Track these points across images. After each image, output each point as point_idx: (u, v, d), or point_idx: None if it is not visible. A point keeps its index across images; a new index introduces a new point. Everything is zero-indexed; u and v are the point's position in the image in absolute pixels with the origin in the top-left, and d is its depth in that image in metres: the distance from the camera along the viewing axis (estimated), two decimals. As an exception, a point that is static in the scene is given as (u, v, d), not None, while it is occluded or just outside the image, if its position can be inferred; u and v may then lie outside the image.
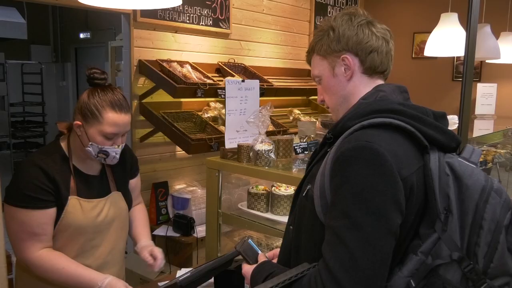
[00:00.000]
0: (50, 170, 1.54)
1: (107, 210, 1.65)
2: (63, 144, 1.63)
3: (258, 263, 1.20)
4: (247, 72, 3.68)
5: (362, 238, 0.91)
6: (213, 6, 3.55)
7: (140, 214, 1.90)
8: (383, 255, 0.92)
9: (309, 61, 1.25)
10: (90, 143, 1.55)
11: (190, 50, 3.47)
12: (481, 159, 2.83)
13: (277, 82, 3.84)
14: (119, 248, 1.75)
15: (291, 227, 1.21)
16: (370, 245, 0.91)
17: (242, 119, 2.16)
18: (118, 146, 1.60)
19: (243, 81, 2.21)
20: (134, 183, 1.85)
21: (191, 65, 3.27)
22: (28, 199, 1.49)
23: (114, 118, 1.54)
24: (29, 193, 1.49)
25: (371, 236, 0.91)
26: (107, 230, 1.67)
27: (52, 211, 1.54)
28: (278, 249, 1.32)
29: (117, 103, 1.56)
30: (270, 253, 1.36)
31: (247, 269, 1.20)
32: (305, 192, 1.13)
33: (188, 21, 3.38)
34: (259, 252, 1.25)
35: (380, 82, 1.17)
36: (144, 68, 3.12)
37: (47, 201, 1.52)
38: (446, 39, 3.19)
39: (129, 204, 1.78)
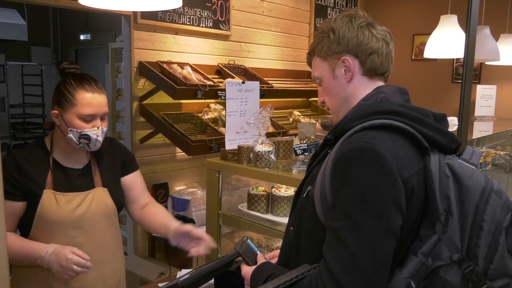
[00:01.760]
0: (24, 163, 1.57)
1: (87, 205, 1.62)
2: (47, 140, 1.66)
3: (258, 264, 1.19)
4: (247, 74, 3.68)
5: (362, 239, 0.92)
6: (213, 8, 3.55)
7: (156, 208, 1.83)
8: (383, 256, 0.93)
9: (309, 63, 1.26)
10: (69, 129, 1.55)
11: (190, 52, 3.47)
12: (480, 161, 2.84)
13: (277, 84, 3.84)
14: (108, 246, 1.71)
15: (291, 228, 1.21)
16: (371, 246, 0.91)
17: (242, 120, 2.17)
18: (98, 128, 1.58)
19: (243, 82, 2.22)
20: (130, 180, 1.80)
21: (191, 66, 3.27)
22: None
23: (88, 98, 1.55)
24: None
25: (371, 237, 0.92)
26: (91, 227, 1.64)
27: (13, 206, 1.55)
28: (278, 250, 1.32)
29: (88, 84, 1.58)
30: (270, 254, 1.36)
31: (247, 270, 1.20)
32: (305, 193, 1.13)
33: (188, 23, 3.39)
34: (258, 253, 1.25)
35: (380, 83, 1.17)
36: (145, 69, 3.13)
37: (11, 194, 1.54)
38: (445, 41, 3.19)
39: (118, 202, 1.73)
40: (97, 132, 1.58)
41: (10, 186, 1.53)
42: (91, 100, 1.56)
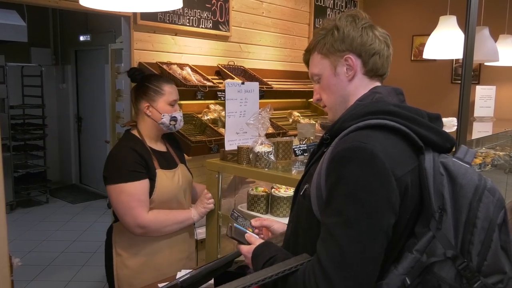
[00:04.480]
0: (138, 150, 1.93)
1: (180, 178, 2.07)
2: (134, 133, 2.04)
3: (262, 242, 1.22)
4: (246, 75, 3.69)
5: (352, 236, 0.94)
6: (213, 9, 3.56)
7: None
8: (373, 253, 0.94)
9: (306, 60, 1.26)
10: (163, 114, 1.98)
11: (190, 53, 3.48)
12: (480, 161, 2.84)
13: (277, 85, 3.85)
14: (189, 206, 2.18)
15: (290, 224, 1.23)
16: (361, 243, 0.93)
17: (242, 121, 2.17)
18: (179, 110, 2.05)
19: (242, 83, 2.22)
20: None
21: (191, 67, 3.28)
22: (133, 174, 1.89)
23: (170, 88, 2.02)
24: (132, 169, 1.89)
25: (361, 234, 0.94)
26: (183, 197, 2.10)
27: (147, 182, 1.93)
28: (264, 219, 1.43)
29: (164, 78, 2.05)
30: (257, 223, 1.41)
31: (247, 249, 1.23)
32: (302, 191, 1.15)
33: (188, 24, 3.39)
34: (247, 232, 1.31)
35: (377, 84, 1.19)
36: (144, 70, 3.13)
37: (143, 173, 1.92)
38: (445, 42, 3.20)
39: (191, 174, 2.20)
40: (180, 113, 2.05)
41: (140, 168, 1.90)
42: (172, 89, 2.02)
